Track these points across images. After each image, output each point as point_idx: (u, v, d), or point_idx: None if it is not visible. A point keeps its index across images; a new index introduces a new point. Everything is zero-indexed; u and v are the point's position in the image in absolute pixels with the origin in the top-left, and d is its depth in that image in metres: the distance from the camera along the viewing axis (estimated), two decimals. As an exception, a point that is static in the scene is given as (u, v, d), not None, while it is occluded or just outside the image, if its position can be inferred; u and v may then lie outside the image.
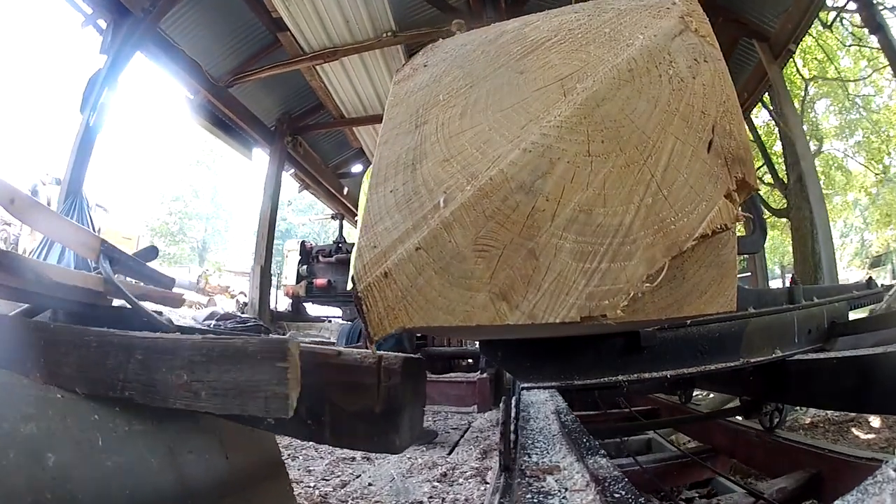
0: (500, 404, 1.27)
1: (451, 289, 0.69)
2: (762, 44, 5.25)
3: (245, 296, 9.13)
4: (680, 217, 0.64)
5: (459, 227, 0.70)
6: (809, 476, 1.32)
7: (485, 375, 3.98)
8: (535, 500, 0.44)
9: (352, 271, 0.81)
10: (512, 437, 0.94)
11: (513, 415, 0.99)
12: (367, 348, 2.79)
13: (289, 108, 7.06)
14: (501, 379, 4.12)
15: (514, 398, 1.10)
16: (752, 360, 1.19)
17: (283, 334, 5.39)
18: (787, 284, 1.58)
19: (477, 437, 2.95)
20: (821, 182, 7.90)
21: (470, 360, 4.62)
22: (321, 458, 2.37)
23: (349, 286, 2.75)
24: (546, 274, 0.66)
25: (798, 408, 2.63)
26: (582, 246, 0.65)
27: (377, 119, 6.73)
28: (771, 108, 7.17)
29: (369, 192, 0.82)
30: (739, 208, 0.68)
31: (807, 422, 2.63)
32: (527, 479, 0.50)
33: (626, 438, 1.90)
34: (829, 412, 2.53)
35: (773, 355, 1.27)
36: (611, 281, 0.63)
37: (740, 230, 1.60)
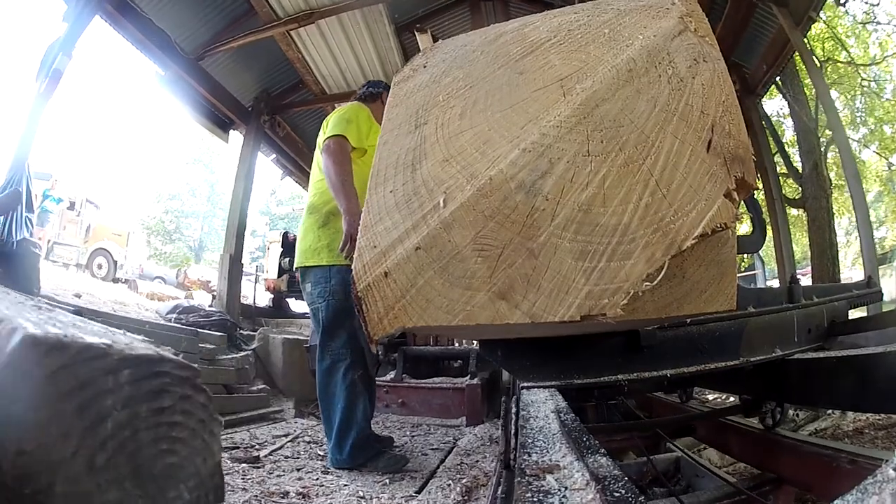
0: (500, 409, 1.22)
1: (451, 289, 0.69)
2: (782, 9, 4.80)
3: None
4: (679, 216, 0.65)
5: (459, 227, 0.70)
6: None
7: (475, 381, 3.27)
8: (535, 499, 0.44)
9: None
10: (512, 436, 0.94)
11: (513, 414, 1.00)
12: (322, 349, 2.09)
13: (267, 86, 6.37)
14: (497, 385, 3.62)
15: (514, 397, 1.10)
16: (752, 360, 1.19)
17: (255, 330, 4.95)
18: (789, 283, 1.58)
19: (461, 463, 2.19)
20: (832, 173, 7.57)
21: (460, 362, 3.91)
22: (245, 490, 1.77)
23: (297, 263, 2.12)
24: (546, 273, 0.66)
25: (832, 412, 2.35)
26: (581, 245, 0.65)
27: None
28: (785, 90, 6.83)
29: (368, 192, 0.82)
30: (739, 207, 0.68)
31: (850, 428, 2.25)
32: (527, 477, 0.50)
33: (651, 457, 1.57)
34: (870, 416, 2.22)
35: (773, 354, 1.27)
36: (610, 280, 0.64)
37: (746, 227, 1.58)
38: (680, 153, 0.68)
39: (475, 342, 3.59)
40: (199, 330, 4.03)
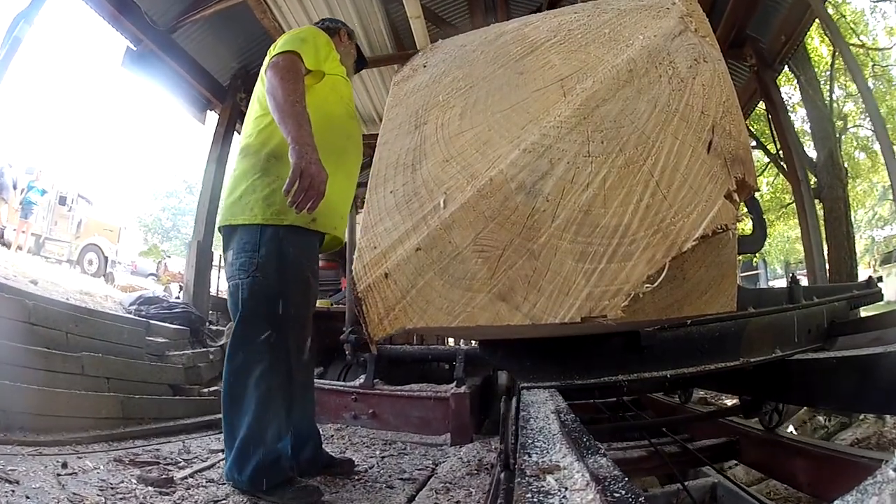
0: (500, 421, 1.16)
1: (452, 290, 0.69)
2: (799, -28, 4.38)
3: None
4: (679, 217, 0.64)
5: (459, 228, 0.70)
6: None
7: (463, 389, 2.63)
8: (536, 500, 0.44)
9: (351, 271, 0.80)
10: (512, 436, 0.94)
11: (513, 414, 1.00)
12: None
13: (246, 63, 5.94)
14: (491, 393, 3.04)
15: (514, 398, 1.10)
16: (752, 360, 1.19)
17: (225, 326, 4.46)
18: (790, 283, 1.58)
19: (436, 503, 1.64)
20: (846, 164, 7.32)
21: (447, 365, 3.14)
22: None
23: (219, 221, 1.63)
24: (546, 275, 0.66)
25: (865, 416, 2.19)
26: (582, 246, 0.65)
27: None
28: (798, 73, 6.58)
29: (368, 192, 0.82)
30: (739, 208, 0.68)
31: (895, 435, 2.05)
32: (527, 478, 0.50)
33: (685, 484, 1.36)
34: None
35: (774, 355, 1.27)
36: (611, 281, 0.63)
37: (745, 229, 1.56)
38: (680, 154, 0.68)
39: (464, 342, 3.31)
40: (151, 322, 3.60)
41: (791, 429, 2.68)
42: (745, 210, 1.45)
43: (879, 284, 2.03)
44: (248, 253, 1.55)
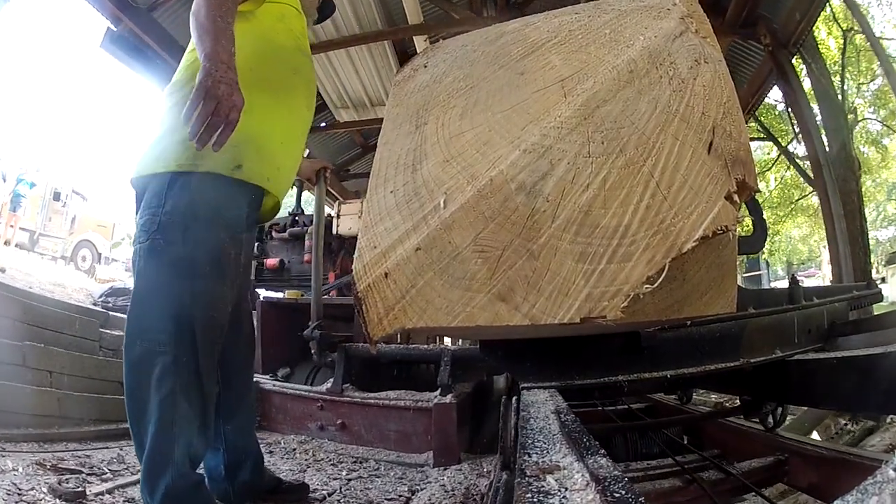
0: (498, 434, 1.10)
1: (451, 290, 0.69)
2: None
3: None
4: (680, 218, 0.65)
5: (459, 228, 0.70)
6: None
7: (448, 399, 2.14)
8: (535, 500, 0.44)
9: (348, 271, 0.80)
10: (511, 436, 0.94)
11: (513, 414, 1.00)
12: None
13: None
14: (486, 401, 2.59)
15: (514, 398, 1.10)
16: (752, 361, 1.19)
17: None
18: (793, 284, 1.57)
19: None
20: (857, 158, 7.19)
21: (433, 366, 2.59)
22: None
23: (133, 173, 1.25)
24: (546, 275, 0.66)
25: (892, 419, 2.16)
26: (582, 247, 0.65)
27: (335, 44, 5.04)
28: (809, 60, 6.44)
29: (369, 192, 0.82)
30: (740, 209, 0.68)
31: None
32: (527, 478, 0.50)
33: None
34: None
35: (774, 355, 1.27)
36: (610, 282, 0.64)
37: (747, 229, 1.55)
38: (681, 155, 0.68)
39: (461, 342, 3.16)
40: (110, 313, 3.32)
41: (815, 434, 2.65)
42: (746, 211, 1.46)
43: (882, 285, 2.02)
44: (152, 209, 1.22)
